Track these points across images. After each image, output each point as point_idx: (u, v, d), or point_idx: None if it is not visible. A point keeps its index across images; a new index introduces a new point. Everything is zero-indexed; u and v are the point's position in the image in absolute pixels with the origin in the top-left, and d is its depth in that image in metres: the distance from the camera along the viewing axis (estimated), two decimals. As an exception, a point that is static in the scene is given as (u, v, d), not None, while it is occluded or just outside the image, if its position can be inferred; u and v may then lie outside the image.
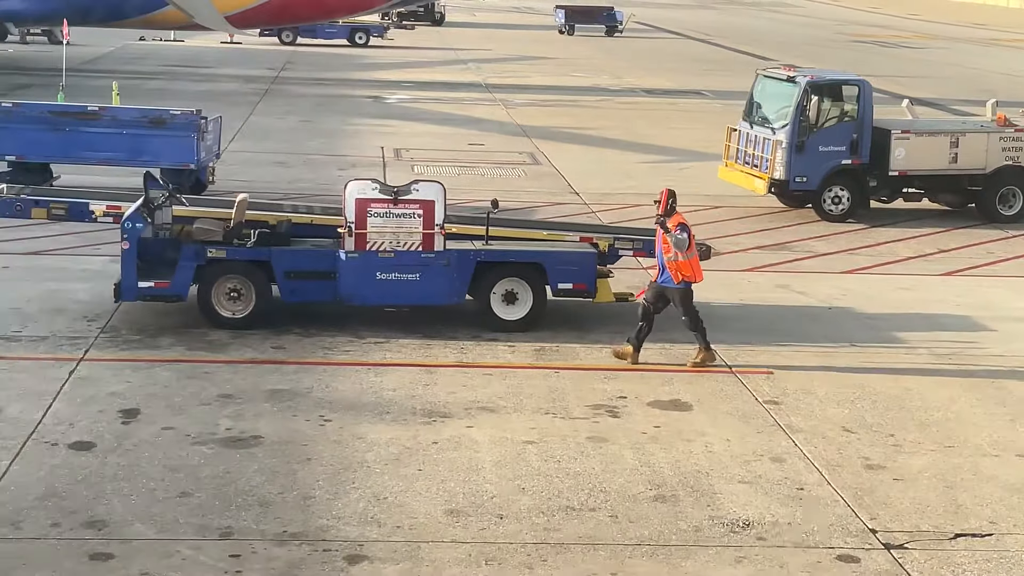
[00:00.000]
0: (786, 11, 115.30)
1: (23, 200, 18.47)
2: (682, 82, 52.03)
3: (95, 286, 19.41)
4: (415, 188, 17.58)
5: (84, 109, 25.57)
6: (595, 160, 32.70)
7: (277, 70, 51.36)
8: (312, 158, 31.43)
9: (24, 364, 15.85)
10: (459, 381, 15.84)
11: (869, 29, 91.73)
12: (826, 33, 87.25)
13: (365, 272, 17.40)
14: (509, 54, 62.08)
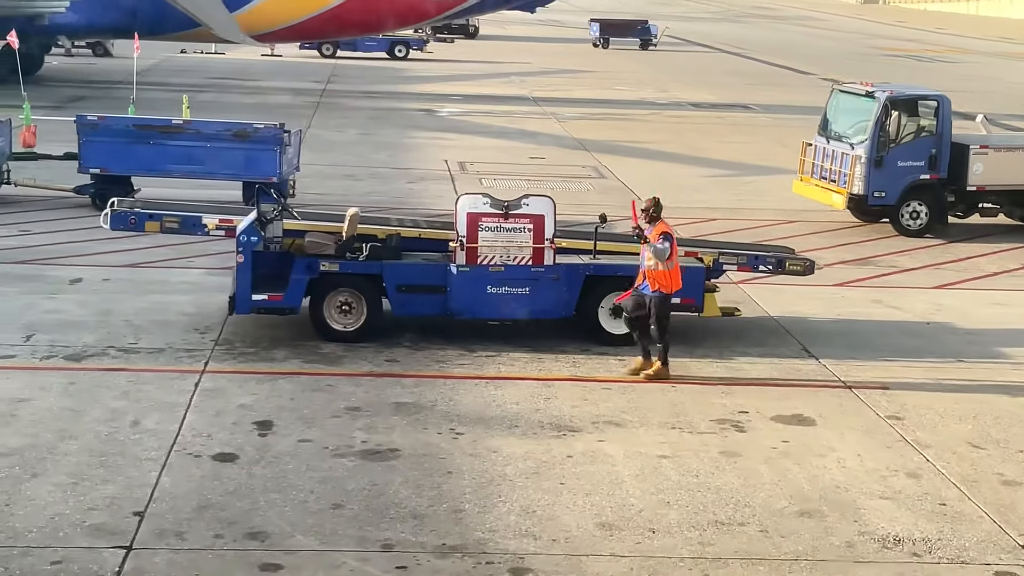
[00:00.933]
0: (811, 24, 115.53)
1: (137, 214, 18.66)
2: (726, 96, 52.17)
3: (198, 298, 19.63)
4: (525, 202, 17.73)
5: (168, 123, 25.78)
6: (658, 174, 32.83)
7: (323, 83, 51.62)
8: (379, 171, 31.62)
9: (148, 376, 16.01)
10: (578, 395, 15.96)
11: (899, 43, 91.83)
12: (857, 47, 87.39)
13: (476, 286, 17.55)
14: (549, 67, 62.28)
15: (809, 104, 49.76)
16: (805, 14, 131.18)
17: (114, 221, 18.68)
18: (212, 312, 18.86)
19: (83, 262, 21.54)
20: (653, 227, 16.61)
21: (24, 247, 22.30)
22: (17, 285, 19.86)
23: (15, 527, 11.66)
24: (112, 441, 13.82)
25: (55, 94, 43.71)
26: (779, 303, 20.39)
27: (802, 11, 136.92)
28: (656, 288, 16.49)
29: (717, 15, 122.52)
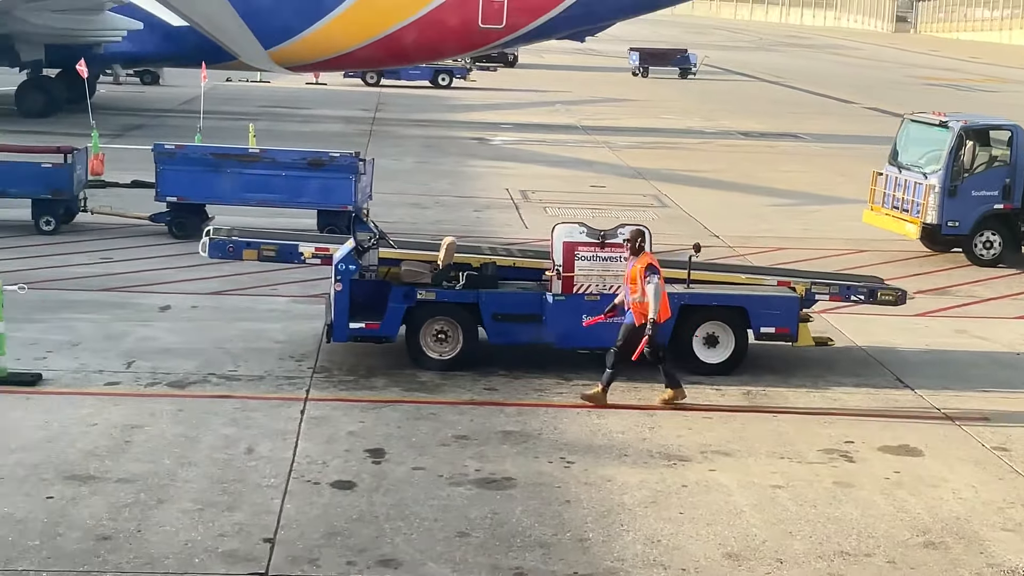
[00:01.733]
0: (845, 53, 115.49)
1: (235, 242, 18.83)
2: (773, 124, 52.25)
3: (288, 325, 19.78)
4: (621, 231, 17.80)
5: (245, 151, 25.99)
6: (720, 203, 32.91)
7: (372, 111, 51.92)
8: (443, 199, 31.78)
9: (254, 403, 16.14)
10: (681, 424, 16.01)
11: (936, 72, 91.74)
12: (894, 76, 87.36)
13: (572, 315, 17.61)
14: (592, 96, 62.49)
15: (857, 133, 50.14)
16: (838, 43, 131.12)
17: (212, 249, 18.86)
18: (305, 339, 19.00)
19: (169, 289, 21.72)
20: (637, 259, 16.62)
21: (108, 275, 22.49)
22: (109, 312, 20.04)
23: (151, 553, 11.78)
24: (230, 468, 13.95)
25: (111, 122, 43.97)
26: (864, 333, 20.42)
27: (834, 40, 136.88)
28: (640, 321, 16.43)
29: (751, 44, 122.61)
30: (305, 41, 45.43)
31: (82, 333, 18.78)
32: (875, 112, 60.37)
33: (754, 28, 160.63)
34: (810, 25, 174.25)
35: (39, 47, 43.19)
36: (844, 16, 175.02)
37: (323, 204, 25.43)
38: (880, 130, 51.78)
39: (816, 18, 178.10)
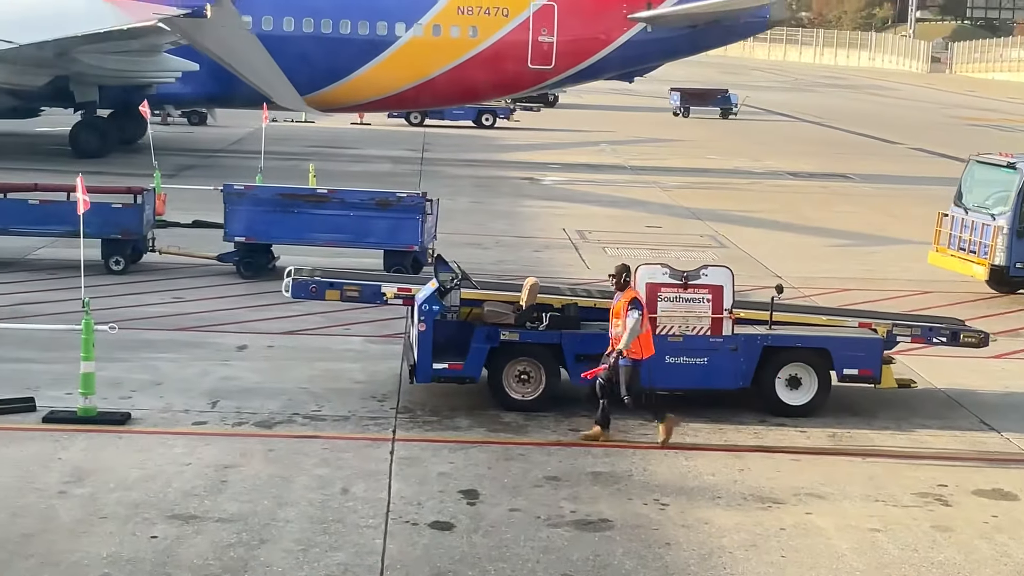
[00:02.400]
0: (883, 93, 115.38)
1: (318, 282, 18.96)
2: (821, 165, 52.22)
3: (366, 366, 19.87)
4: (704, 273, 17.87)
5: (313, 191, 26.18)
6: (778, 243, 32.90)
7: (418, 151, 52.17)
8: (502, 239, 31.90)
9: (342, 443, 16.21)
10: (771, 465, 16.00)
11: (976, 112, 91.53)
12: (936, 116, 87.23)
13: (654, 356, 17.62)
14: (635, 136, 62.63)
15: (906, 174, 50.10)
16: (874, 83, 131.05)
17: (295, 289, 18.99)
18: (384, 380, 19.09)
19: (243, 329, 21.86)
20: (622, 295, 16.67)
21: (181, 314, 22.65)
22: (187, 352, 20.19)
23: (262, 593, 11.84)
24: (328, 508, 14.01)
25: (164, 162, 44.05)
26: (942, 375, 20.35)
27: (870, 80, 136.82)
28: (628, 354, 16.44)
29: (787, 84, 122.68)
30: (356, 82, 45.86)
31: (163, 372, 18.93)
32: (921, 153, 60.27)
33: (788, 68, 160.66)
34: (844, 65, 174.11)
35: (94, 88, 43.63)
36: (879, 56, 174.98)
37: (389, 244, 25.58)
38: (928, 171, 51.91)
39: (850, 59, 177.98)
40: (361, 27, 45.75)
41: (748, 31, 53.05)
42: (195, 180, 38.91)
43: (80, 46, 40.28)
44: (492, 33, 46.04)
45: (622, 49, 46.58)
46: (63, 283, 24.61)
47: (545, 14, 46.03)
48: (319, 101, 46.22)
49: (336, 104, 47.40)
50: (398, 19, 45.90)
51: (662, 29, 46.72)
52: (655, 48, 47.31)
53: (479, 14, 46.16)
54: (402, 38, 45.85)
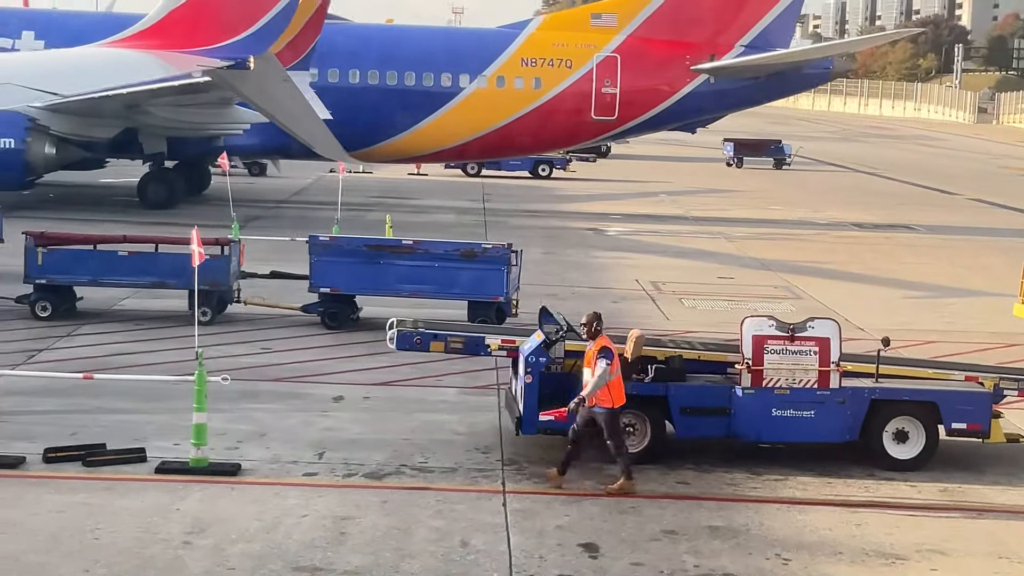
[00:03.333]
0: (931, 144, 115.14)
1: (423, 334, 19.01)
2: (883, 216, 52.08)
3: (464, 417, 19.89)
4: (811, 325, 17.82)
5: (399, 242, 26.30)
6: (852, 295, 32.76)
7: (479, 201, 52.41)
8: (578, 290, 31.91)
9: (454, 495, 16.20)
10: (888, 521, 15.87)
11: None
12: (988, 167, 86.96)
13: (761, 408, 17.60)
14: (692, 186, 62.71)
15: (969, 225, 49.91)
16: (921, 133, 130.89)
17: (400, 341, 19.05)
18: (484, 431, 19.11)
19: (336, 380, 21.95)
20: (594, 343, 16.68)
21: (273, 365, 22.76)
22: (285, 402, 20.28)
23: (400, 647, 11.80)
24: (450, 561, 13.99)
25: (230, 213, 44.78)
26: (1043, 428, 20.16)
27: (917, 130, 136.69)
28: (600, 403, 16.44)
29: (835, 135, 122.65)
30: (420, 133, 46.27)
31: (266, 423, 19.01)
32: (980, 204, 60.04)
33: (833, 119, 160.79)
34: (889, 116, 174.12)
35: (162, 140, 44.12)
36: (924, 107, 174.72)
37: (474, 296, 25.63)
38: (991, 222, 51.76)
39: (895, 109, 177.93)
40: (426, 79, 46.19)
41: (811, 82, 53.13)
42: (264, 231, 39.21)
43: (152, 99, 40.71)
44: (556, 84, 46.36)
45: (685, 100, 46.76)
46: (152, 334, 24.87)
47: (608, 65, 46.30)
48: (385, 152, 46.62)
49: (401, 155, 47.81)
50: (462, 71, 46.30)
51: (725, 80, 46.89)
52: (718, 99, 47.47)
53: (543, 66, 46.49)
54: (466, 90, 46.23)
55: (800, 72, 48.44)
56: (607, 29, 46.79)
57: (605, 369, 16.37)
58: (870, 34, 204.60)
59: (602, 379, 16.36)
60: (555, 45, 46.78)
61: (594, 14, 47.92)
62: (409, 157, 49.67)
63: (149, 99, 41.26)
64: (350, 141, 44.64)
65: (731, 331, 25.86)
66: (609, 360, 16.44)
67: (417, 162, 55.62)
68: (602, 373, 16.36)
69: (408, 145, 46.70)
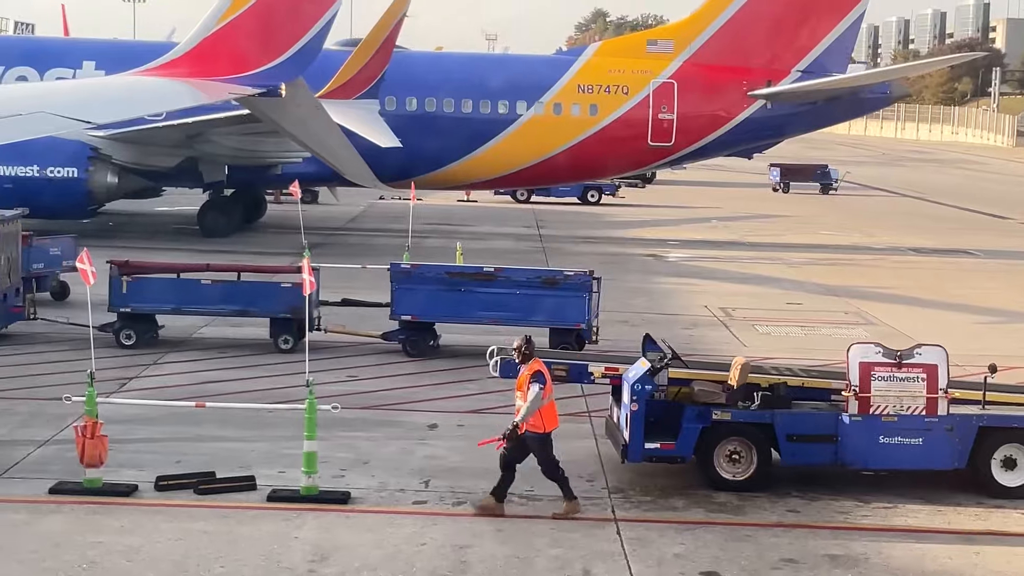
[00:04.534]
0: (972, 167, 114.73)
1: (526, 361, 19.03)
2: (939, 241, 51.84)
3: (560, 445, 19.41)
4: (918, 352, 17.77)
5: (480, 270, 26.35)
6: (926, 320, 32.59)
7: (533, 228, 52.52)
8: (648, 316, 31.89)
9: (567, 524, 16.26)
10: (1005, 550, 15.80)
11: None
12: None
13: (868, 436, 17.54)
14: (741, 212, 62.60)
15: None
16: (961, 157, 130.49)
17: (504, 369, 19.09)
18: (583, 459, 19.09)
19: (426, 407, 22.02)
20: (526, 367, 16.63)
21: (361, 392, 22.80)
22: (380, 430, 20.35)
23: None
24: (577, 590, 13.98)
25: (289, 241, 44.92)
26: None
27: (957, 154, 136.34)
28: (531, 429, 16.42)
29: (876, 159, 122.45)
30: (478, 160, 46.40)
31: (366, 451, 19.07)
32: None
33: (871, 143, 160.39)
34: (926, 140, 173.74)
35: (222, 168, 44.39)
36: (961, 131, 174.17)
37: (555, 322, 25.65)
38: (1050, 246, 51.43)
39: (932, 133, 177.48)
40: (483, 106, 46.32)
41: (869, 107, 53.06)
42: (328, 258, 39.20)
43: (216, 128, 40.99)
44: (612, 111, 46.41)
45: (742, 126, 46.72)
46: (237, 361, 25.04)
47: (665, 91, 46.33)
48: (443, 179, 46.78)
49: (459, 182, 48.03)
50: (520, 98, 46.43)
51: (782, 106, 46.85)
52: (775, 124, 47.44)
53: (599, 92, 46.58)
54: (523, 116, 46.35)
55: (857, 97, 48.35)
56: (664, 55, 46.82)
57: (538, 394, 16.37)
58: (906, 60, 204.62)
59: (535, 404, 16.35)
60: (611, 72, 46.84)
61: (650, 40, 48.03)
62: (466, 184, 49.86)
63: (210, 128, 41.55)
64: (409, 168, 44.95)
65: (809, 357, 25.97)
66: (542, 385, 16.44)
67: (474, 189, 55.61)
68: (535, 398, 16.35)
69: (466, 172, 46.84)
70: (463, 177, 47.36)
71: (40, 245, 29.11)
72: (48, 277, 29.46)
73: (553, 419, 16.72)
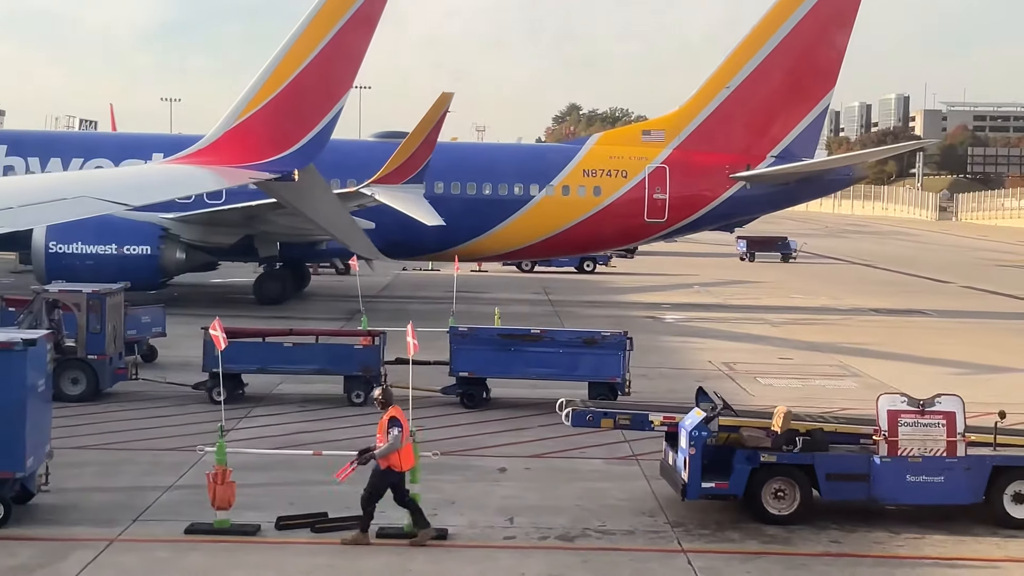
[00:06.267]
0: (907, 238, 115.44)
1: (594, 412, 19.08)
2: (895, 302, 52.01)
3: (619, 485, 19.80)
4: (938, 400, 17.80)
5: (528, 331, 26.35)
6: (906, 371, 32.58)
7: (542, 294, 52.50)
8: (662, 371, 31.85)
9: (642, 555, 16.16)
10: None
11: (999, 254, 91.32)
12: (965, 257, 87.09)
13: (897, 475, 17.54)
14: (718, 279, 62.75)
15: (973, 309, 49.84)
16: (894, 229, 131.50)
17: (575, 419, 19.07)
18: (641, 497, 19.01)
19: (493, 453, 21.90)
20: (385, 413, 16.73)
21: (432, 440, 22.49)
22: (457, 473, 20.22)
23: None
24: (667, 614, 13.85)
25: (336, 307, 45.04)
26: None
27: (890, 226, 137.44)
28: (390, 465, 16.35)
29: (820, 231, 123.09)
30: (497, 235, 46.60)
31: (449, 492, 18.93)
32: (973, 290, 59.94)
33: (814, 217, 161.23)
34: (860, 214, 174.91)
35: (275, 244, 44.36)
36: (891, 206, 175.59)
37: (594, 377, 25.60)
38: (991, 307, 51.68)
39: (865, 208, 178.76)
40: (501, 189, 46.56)
41: (834, 187, 53.41)
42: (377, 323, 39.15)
43: (271, 210, 41.00)
44: (613, 192, 46.72)
45: (725, 204, 47.05)
46: (319, 414, 24.86)
47: (659, 175, 46.68)
48: (465, 252, 46.77)
49: (483, 253, 48.06)
50: (532, 181, 46.69)
51: (760, 186, 47.20)
52: (753, 202, 47.76)
53: (601, 176, 46.89)
54: (536, 197, 46.60)
55: (825, 179, 48.78)
56: (656, 143, 47.23)
57: (397, 436, 16.36)
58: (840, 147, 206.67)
59: (394, 445, 16.31)
60: (612, 158, 47.19)
61: (644, 131, 48.49)
62: (485, 256, 49.87)
63: (267, 210, 41.55)
64: (438, 243, 45.09)
65: (811, 405, 25.91)
66: (400, 428, 16.43)
67: (490, 261, 55.56)
68: (395, 440, 16.33)
69: (487, 246, 46.99)
70: (483, 251, 47.50)
71: (133, 313, 29.03)
72: (140, 342, 29.33)
73: (409, 459, 16.58)
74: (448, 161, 46.48)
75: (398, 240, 44.46)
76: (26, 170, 44.98)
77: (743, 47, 46.94)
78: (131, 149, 46.08)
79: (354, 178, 43.21)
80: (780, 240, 78.33)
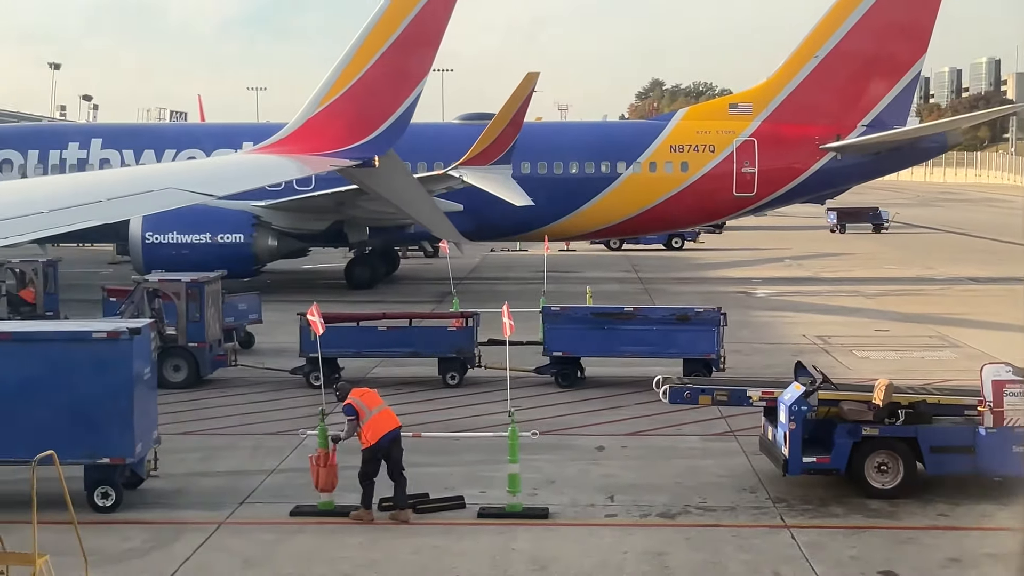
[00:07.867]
0: (1001, 205, 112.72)
1: (691, 389, 19.02)
2: (993, 271, 50.86)
3: (718, 462, 19.67)
4: (1015, 373, 17.42)
5: (621, 310, 26.28)
6: (1007, 342, 31.73)
7: (631, 272, 52.27)
8: (756, 346, 31.56)
9: (746, 531, 16.07)
10: None
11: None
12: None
13: (1003, 446, 17.17)
14: (809, 251, 61.91)
15: (1078, 276, 48.57)
16: (988, 196, 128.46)
17: (672, 396, 19.03)
18: (741, 474, 18.87)
19: (589, 432, 21.92)
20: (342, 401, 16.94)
21: (528, 420, 22.50)
22: (556, 453, 20.25)
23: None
24: (774, 590, 13.76)
25: (425, 290, 45.35)
26: None
27: (984, 193, 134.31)
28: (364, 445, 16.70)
29: (912, 200, 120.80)
30: (586, 214, 46.47)
31: (548, 472, 18.99)
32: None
33: (904, 186, 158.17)
34: (952, 182, 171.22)
35: (364, 230, 44.75)
36: (984, 172, 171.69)
37: (688, 354, 25.44)
38: (1096, 272, 50.25)
39: (958, 175, 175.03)
40: (588, 167, 46.42)
41: (926, 155, 52.26)
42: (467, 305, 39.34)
43: (360, 195, 41.33)
44: (701, 167, 46.28)
45: (816, 176, 46.36)
46: (413, 396, 25.05)
47: (747, 148, 46.14)
48: (555, 231, 46.77)
49: (571, 232, 47.99)
50: (619, 159, 46.45)
51: (850, 156, 46.42)
52: (844, 174, 46.98)
53: (689, 151, 46.47)
54: (623, 175, 46.36)
55: (917, 147, 47.78)
56: (744, 116, 46.66)
57: (350, 422, 16.68)
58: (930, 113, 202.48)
59: (350, 431, 16.68)
60: (698, 133, 46.74)
61: (731, 104, 47.90)
62: (573, 236, 49.78)
63: (356, 196, 41.90)
64: (526, 223, 45.14)
65: (910, 377, 25.47)
66: (350, 415, 16.67)
67: (577, 240, 55.49)
68: (350, 427, 16.69)
69: (574, 225, 46.91)
70: (572, 229, 47.40)
71: (230, 301, 29.51)
72: (237, 329, 29.82)
73: (375, 435, 16.73)
74: (534, 141, 46.47)
75: (487, 221, 44.58)
76: (121, 162, 45.97)
77: (831, 15, 46.10)
78: (221, 139, 46.72)
79: (441, 160, 43.45)
80: (871, 210, 77.00)
